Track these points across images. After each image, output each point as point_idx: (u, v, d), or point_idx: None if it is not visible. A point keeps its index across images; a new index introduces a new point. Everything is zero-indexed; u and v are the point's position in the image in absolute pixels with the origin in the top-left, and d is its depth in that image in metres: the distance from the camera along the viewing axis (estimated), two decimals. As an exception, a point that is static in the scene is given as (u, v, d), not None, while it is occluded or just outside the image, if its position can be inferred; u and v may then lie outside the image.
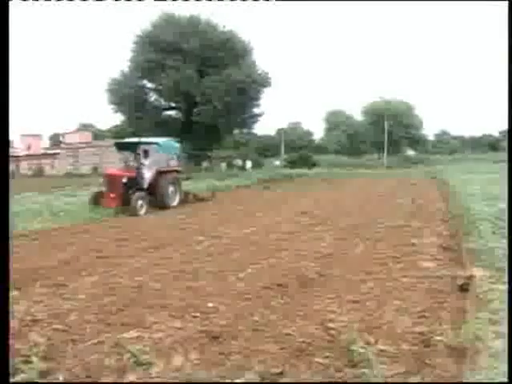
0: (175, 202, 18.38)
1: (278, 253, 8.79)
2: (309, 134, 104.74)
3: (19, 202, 17.09)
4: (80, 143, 79.44)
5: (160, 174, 17.88)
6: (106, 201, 16.42)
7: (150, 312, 5.48)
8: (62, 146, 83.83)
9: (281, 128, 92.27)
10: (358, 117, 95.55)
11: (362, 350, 4.19)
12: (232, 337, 4.66)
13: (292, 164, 63.26)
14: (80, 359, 4.24)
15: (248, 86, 40.18)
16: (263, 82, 42.26)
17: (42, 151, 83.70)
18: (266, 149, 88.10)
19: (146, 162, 17.65)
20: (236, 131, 54.68)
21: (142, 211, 15.91)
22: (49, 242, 10.62)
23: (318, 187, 28.32)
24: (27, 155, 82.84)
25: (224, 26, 42.52)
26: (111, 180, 16.81)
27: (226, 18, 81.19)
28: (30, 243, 10.54)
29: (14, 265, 8.16)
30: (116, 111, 44.98)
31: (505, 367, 3.70)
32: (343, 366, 4.01)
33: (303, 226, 12.22)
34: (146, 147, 17.85)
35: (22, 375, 3.97)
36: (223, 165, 59.59)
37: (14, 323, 5.23)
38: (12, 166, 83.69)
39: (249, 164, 63.07)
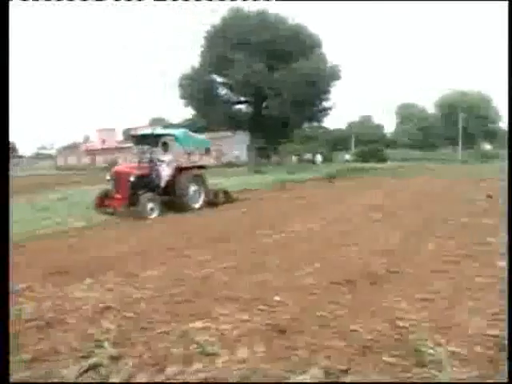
0: (198, 204, 15.87)
1: (346, 247, 8.69)
2: (380, 127, 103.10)
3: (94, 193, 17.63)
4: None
5: (180, 171, 15.59)
6: (110, 201, 14.44)
7: (217, 304, 5.52)
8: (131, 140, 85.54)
9: (351, 121, 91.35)
10: (431, 109, 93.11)
11: (431, 351, 4.08)
12: (298, 331, 4.63)
13: (362, 158, 62.57)
14: (148, 347, 4.34)
15: (317, 78, 39.97)
16: (333, 74, 41.96)
17: (116, 145, 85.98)
18: (336, 143, 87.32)
19: (165, 157, 15.56)
20: (306, 125, 54.42)
21: (153, 214, 13.76)
22: (115, 232, 11.02)
23: (388, 181, 27.85)
24: (102, 149, 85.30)
25: (293, 20, 42.40)
26: (117, 178, 14.50)
27: (294, 12, 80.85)
28: (100, 232, 10.98)
29: (88, 254, 8.48)
30: (187, 105, 45.71)
31: None
32: (411, 366, 3.91)
33: (371, 220, 12.03)
34: (166, 140, 15.98)
35: (94, 359, 4.10)
36: (293, 158, 59.50)
37: (87, 309, 5.43)
38: (89, 159, 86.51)
39: (319, 158, 62.77)
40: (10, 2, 4.58)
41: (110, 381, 3.78)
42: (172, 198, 15.05)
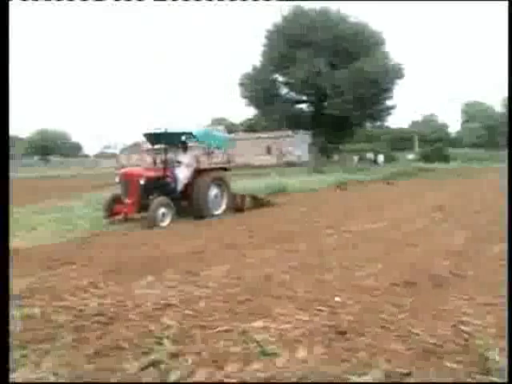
0: (219, 210, 14.22)
1: (408, 248, 8.53)
2: (444, 126, 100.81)
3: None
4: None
5: (199, 173, 13.98)
6: (119, 207, 13.00)
7: (276, 303, 5.51)
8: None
9: (415, 121, 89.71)
10: (499, 108, 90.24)
11: (496, 358, 3.95)
12: (358, 333, 4.57)
13: (426, 158, 61.29)
14: (208, 345, 4.36)
15: (380, 77, 39.36)
16: (396, 73, 41.25)
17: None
18: (399, 142, 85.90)
19: (183, 157, 14.15)
20: (368, 124, 53.73)
21: (165, 221, 12.35)
22: (178, 231, 11.17)
23: (452, 182, 27.22)
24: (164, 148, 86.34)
25: (356, 17, 41.95)
26: (126, 181, 12.98)
27: (356, 10, 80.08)
28: (159, 232, 11.18)
29: (149, 252, 8.62)
30: (248, 105, 45.85)
31: None
32: (475, 373, 3.79)
33: (434, 221, 11.78)
34: (185, 139, 14.24)
35: (155, 355, 4.15)
36: (355, 158, 58.97)
37: (148, 306, 5.52)
38: (151, 159, 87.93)
39: (381, 158, 61.96)
40: (10, 2, 4.65)
41: (170, 377, 3.83)
42: (190, 203, 13.65)
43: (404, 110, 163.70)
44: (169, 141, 14.19)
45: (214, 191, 14.11)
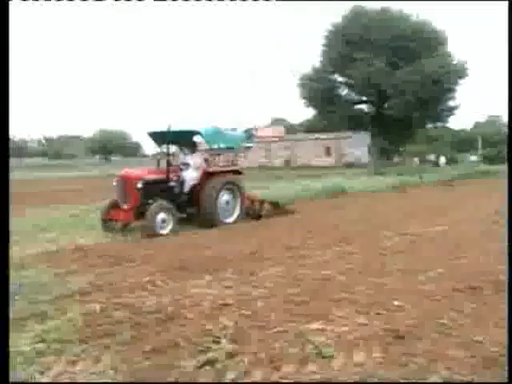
0: (231, 218, 12.81)
1: (471, 252, 8.29)
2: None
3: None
4: (272, 137, 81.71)
5: (208, 176, 12.59)
6: (116, 214, 11.67)
7: (334, 305, 5.46)
8: (255, 139, 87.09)
9: (478, 121, 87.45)
10: None
11: None
12: (417, 338, 4.47)
13: (490, 160, 59.57)
14: (264, 345, 4.36)
15: (443, 77, 38.57)
16: (459, 72, 40.30)
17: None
18: (462, 144, 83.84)
19: (191, 159, 12.84)
20: (429, 125, 52.69)
21: (166, 229, 11.12)
22: (234, 232, 11.26)
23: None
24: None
25: (417, 16, 41.23)
26: (124, 185, 11.66)
27: (418, 9, 78.58)
28: (219, 232, 11.28)
29: (206, 252, 8.69)
30: (307, 105, 45.76)
31: None
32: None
33: (498, 224, 11.39)
34: (194, 138, 13.18)
35: (211, 354, 4.18)
36: (415, 160, 57.91)
37: (205, 305, 5.56)
38: (210, 159, 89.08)
39: (442, 159, 60.58)
40: (10, 2, 4.72)
41: (226, 377, 3.84)
42: (198, 210, 12.31)
43: (467, 110, 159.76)
44: (174, 140, 12.94)
45: (224, 197, 12.70)
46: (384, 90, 39.98)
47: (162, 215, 11.10)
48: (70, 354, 4.23)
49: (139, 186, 11.35)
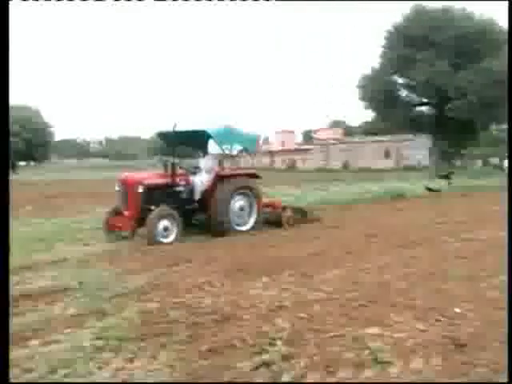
0: (246, 225, 11.78)
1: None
2: None
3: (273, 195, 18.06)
4: (331, 139, 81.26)
5: (220, 180, 11.54)
6: (117, 221, 10.82)
7: (392, 311, 5.35)
8: (314, 142, 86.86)
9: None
10: None
11: None
12: (479, 347, 4.32)
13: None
14: (320, 349, 4.31)
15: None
16: (526, 73, 38.93)
17: (295, 147, 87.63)
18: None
19: (202, 162, 12.14)
20: (493, 127, 51.21)
21: (169, 238, 10.26)
22: (297, 234, 11.17)
23: None
24: (281, 150, 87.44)
25: (481, 15, 40.11)
26: (124, 190, 10.82)
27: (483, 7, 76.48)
28: (279, 234, 11.25)
29: (266, 253, 8.69)
30: (367, 108, 45.24)
31: None
32: None
33: None
34: (205, 139, 11.91)
35: (267, 356, 4.17)
36: (478, 163, 56.48)
37: (262, 307, 5.56)
38: (268, 160, 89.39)
39: (506, 163, 58.79)
40: (10, 2, 4.72)
41: (282, 379, 3.81)
42: (209, 216, 11.33)
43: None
44: (183, 141, 12.24)
45: (238, 202, 11.70)
46: (446, 91, 39.03)
47: (164, 222, 10.24)
48: (127, 352, 4.30)
49: (139, 190, 10.48)
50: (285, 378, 3.83)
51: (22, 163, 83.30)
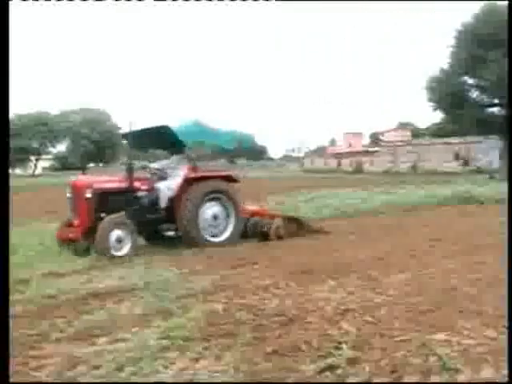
0: (222, 236, 10.35)
1: None
2: None
3: (339, 197, 17.95)
4: (399, 141, 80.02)
5: (189, 184, 10.10)
6: (67, 232, 9.53)
7: (460, 316, 5.21)
8: (381, 144, 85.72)
9: None
10: None
11: None
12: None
13: None
14: (387, 353, 4.24)
15: None
16: None
17: (363, 149, 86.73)
18: None
19: (168, 163, 10.86)
20: None
21: (123, 250, 8.99)
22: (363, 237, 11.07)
23: None
24: (348, 152, 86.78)
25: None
26: (74, 195, 9.51)
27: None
28: (345, 237, 11.11)
29: (331, 256, 8.65)
30: (435, 109, 44.32)
31: None
32: None
33: None
34: (171, 138, 10.33)
35: (332, 359, 4.13)
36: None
37: (328, 310, 5.53)
38: (334, 163, 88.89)
39: None
40: (10, 2, 4.84)
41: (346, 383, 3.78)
42: (175, 226, 10.08)
43: None
44: (147, 141, 11.28)
45: (210, 209, 10.23)
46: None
47: (116, 232, 8.88)
48: (193, 352, 4.35)
49: (88, 195, 9.20)
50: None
51: (91, 164, 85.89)
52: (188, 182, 10.05)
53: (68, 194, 9.59)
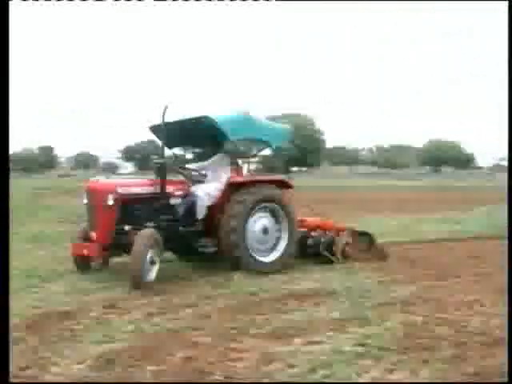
0: (273, 255, 8.24)
1: None
2: None
3: None
4: None
5: (233, 190, 8.12)
6: (82, 248, 7.60)
7: None
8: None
9: None
10: None
11: None
12: None
13: None
14: None
15: None
16: None
17: None
18: None
19: (209, 165, 8.61)
20: None
21: (152, 273, 6.96)
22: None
23: None
24: None
25: None
26: (92, 202, 7.55)
27: None
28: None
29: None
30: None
31: None
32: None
33: None
34: (213, 132, 8.33)
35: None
36: None
37: None
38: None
39: None
40: (10, 2, 4.81)
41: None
42: (214, 243, 8.01)
43: None
44: (181, 135, 8.86)
45: (260, 222, 8.16)
46: None
47: (150, 255, 6.94)
48: (388, 362, 4.23)
49: (110, 202, 7.25)
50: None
51: (295, 168, 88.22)
52: (231, 188, 8.18)
53: (85, 200, 7.68)
